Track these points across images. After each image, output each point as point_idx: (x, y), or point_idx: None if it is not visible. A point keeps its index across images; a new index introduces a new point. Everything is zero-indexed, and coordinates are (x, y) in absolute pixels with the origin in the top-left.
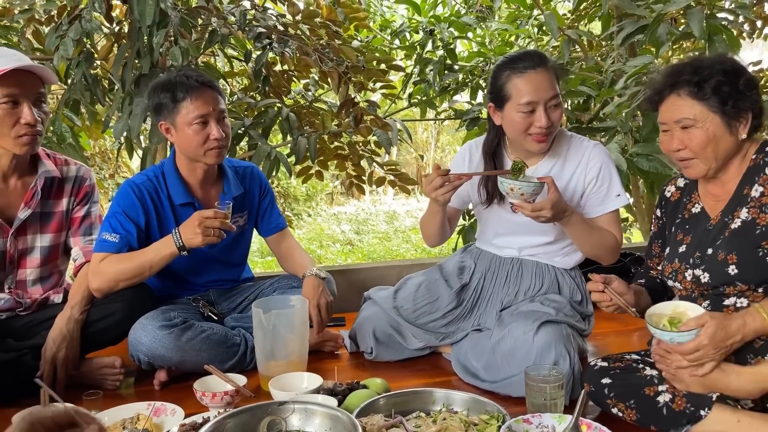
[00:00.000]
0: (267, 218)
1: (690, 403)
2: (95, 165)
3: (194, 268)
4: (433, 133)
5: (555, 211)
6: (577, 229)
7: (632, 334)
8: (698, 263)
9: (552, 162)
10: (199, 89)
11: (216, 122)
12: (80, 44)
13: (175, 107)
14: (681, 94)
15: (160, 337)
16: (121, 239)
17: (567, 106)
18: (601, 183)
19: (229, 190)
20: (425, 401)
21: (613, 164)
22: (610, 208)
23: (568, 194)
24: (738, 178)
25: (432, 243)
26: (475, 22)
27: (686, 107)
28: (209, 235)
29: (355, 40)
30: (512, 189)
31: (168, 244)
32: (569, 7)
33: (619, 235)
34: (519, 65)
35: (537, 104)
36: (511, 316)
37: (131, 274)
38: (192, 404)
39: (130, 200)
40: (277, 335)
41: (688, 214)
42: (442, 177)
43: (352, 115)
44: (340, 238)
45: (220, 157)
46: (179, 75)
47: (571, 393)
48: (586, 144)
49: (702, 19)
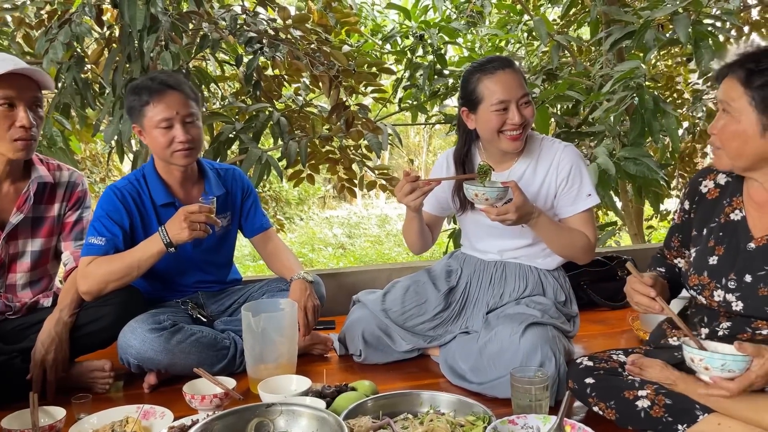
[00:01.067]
0: (251, 219)
1: (668, 414)
2: (86, 169)
3: (180, 269)
4: (425, 137)
5: (520, 214)
6: (546, 231)
7: (619, 336)
8: (732, 288)
9: (525, 164)
10: (163, 92)
11: (182, 125)
12: (71, 48)
13: (142, 110)
14: (737, 77)
15: (149, 340)
16: (107, 242)
17: (556, 111)
18: (572, 183)
19: (210, 190)
20: (413, 403)
21: (584, 165)
22: (582, 208)
23: (541, 196)
24: None
25: (415, 250)
26: (465, 27)
27: (734, 92)
28: (195, 230)
29: (346, 45)
30: (476, 195)
31: (155, 242)
32: (558, 13)
33: (592, 235)
34: (488, 67)
35: (509, 102)
36: (498, 318)
37: (120, 275)
38: (181, 407)
39: (113, 204)
40: (266, 338)
41: (725, 219)
42: (411, 183)
43: (343, 119)
44: (332, 241)
45: (188, 159)
46: (146, 78)
47: (557, 394)
48: (557, 145)
49: (688, 25)
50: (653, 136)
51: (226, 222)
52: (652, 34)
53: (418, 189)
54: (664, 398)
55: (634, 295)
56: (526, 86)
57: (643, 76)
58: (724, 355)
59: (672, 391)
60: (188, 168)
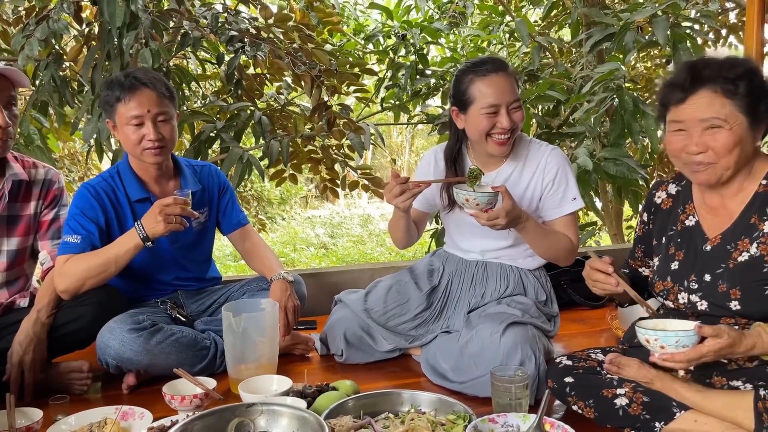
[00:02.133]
0: (228, 215)
1: (646, 411)
2: (64, 167)
3: (158, 265)
4: (408, 137)
5: (509, 219)
6: (532, 235)
7: (599, 335)
8: (694, 288)
9: (512, 167)
10: (135, 89)
11: (153, 123)
12: (49, 45)
13: (114, 106)
14: (717, 90)
15: (128, 340)
16: (83, 240)
17: (537, 112)
18: (558, 186)
19: (186, 185)
20: (394, 402)
21: (570, 168)
22: (566, 211)
23: (527, 198)
24: (741, 198)
25: (400, 246)
26: (447, 27)
27: (717, 105)
28: (171, 222)
29: (329, 44)
30: (467, 199)
31: (132, 237)
32: (540, 15)
33: (575, 238)
34: (481, 69)
35: (500, 106)
36: (479, 318)
37: (97, 271)
38: (161, 408)
39: (88, 201)
40: (247, 338)
41: (681, 226)
42: (401, 185)
43: (325, 119)
44: (314, 241)
45: (157, 158)
46: (121, 74)
47: (537, 393)
48: (545, 148)
49: (667, 28)
50: (633, 136)
51: (203, 218)
52: (631, 36)
53: (407, 191)
54: (642, 396)
55: (592, 273)
56: (517, 90)
57: (623, 78)
58: (676, 332)
59: (649, 389)
60: (162, 165)
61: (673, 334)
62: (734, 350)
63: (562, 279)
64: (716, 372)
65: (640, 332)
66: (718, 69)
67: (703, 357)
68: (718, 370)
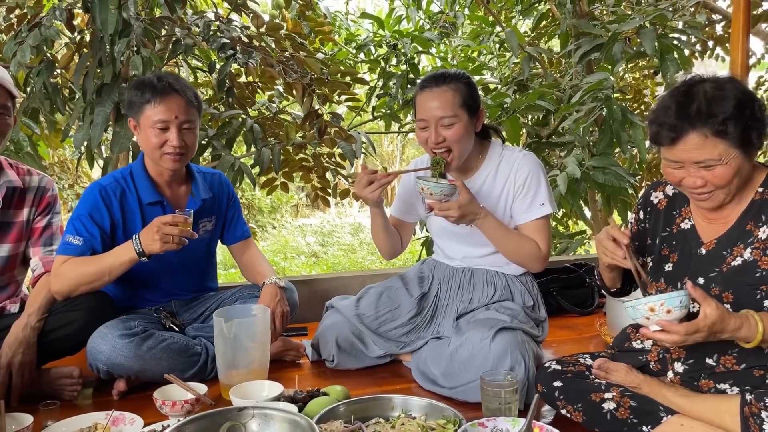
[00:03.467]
0: (233, 226)
1: (633, 416)
2: (54, 175)
3: (162, 272)
4: (399, 147)
5: (463, 212)
6: (492, 232)
7: (587, 342)
8: None
9: (486, 173)
10: (166, 94)
11: (177, 130)
12: (40, 53)
13: (142, 107)
14: (707, 134)
15: (120, 346)
16: (85, 242)
17: (527, 121)
18: (527, 190)
19: (197, 192)
20: (384, 407)
21: (542, 174)
22: (535, 215)
23: (501, 203)
24: (738, 205)
25: (386, 254)
26: (437, 37)
27: (708, 148)
28: (168, 242)
29: (320, 53)
30: (423, 189)
31: (128, 250)
32: (530, 25)
33: (544, 245)
34: (423, 83)
35: (428, 122)
36: (468, 324)
37: (91, 278)
38: (152, 413)
39: (96, 203)
40: (238, 344)
41: (676, 229)
42: (368, 176)
43: (316, 127)
44: (305, 250)
45: (176, 164)
46: (153, 76)
47: (526, 397)
48: (517, 154)
49: (654, 39)
50: (621, 146)
51: (210, 226)
52: (619, 47)
53: (376, 181)
54: (629, 400)
55: (605, 241)
56: (457, 106)
57: (611, 88)
58: (680, 293)
59: (637, 394)
60: (176, 171)
61: (677, 294)
62: (724, 326)
63: (551, 286)
64: (703, 375)
65: (643, 302)
66: (707, 108)
67: (698, 331)
68: (705, 373)
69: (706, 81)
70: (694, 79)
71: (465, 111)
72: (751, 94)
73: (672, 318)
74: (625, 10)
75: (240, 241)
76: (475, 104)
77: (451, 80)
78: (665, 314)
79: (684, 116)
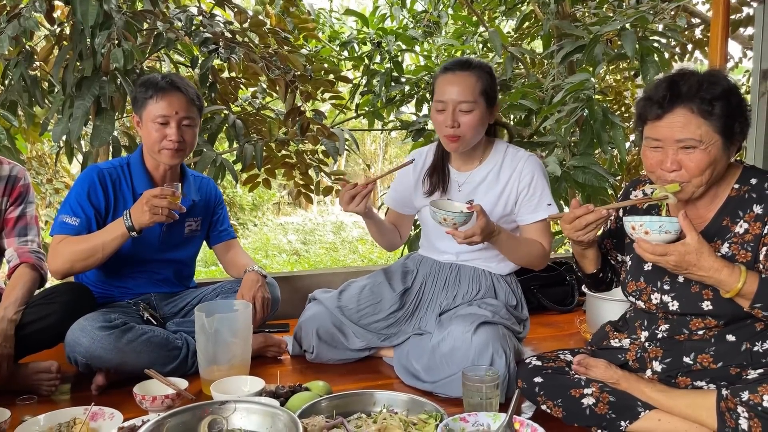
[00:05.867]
0: (218, 229)
1: (612, 411)
2: (32, 169)
3: (140, 263)
4: (381, 146)
5: (484, 235)
6: (506, 246)
7: (568, 339)
8: (667, 289)
9: (488, 168)
10: (168, 91)
11: (177, 125)
12: (19, 44)
13: (145, 103)
14: (693, 109)
15: (99, 338)
16: (81, 223)
17: (509, 121)
18: (533, 192)
19: (189, 192)
20: (366, 403)
21: (545, 175)
22: (541, 216)
23: (502, 200)
24: (713, 204)
25: (387, 248)
26: (421, 36)
27: (692, 126)
28: (157, 214)
29: (304, 49)
30: (445, 219)
31: (119, 225)
32: (513, 26)
33: (548, 244)
34: (447, 66)
35: (446, 104)
36: (450, 319)
37: (85, 255)
38: (131, 408)
39: (93, 185)
40: (219, 339)
41: None
42: (349, 191)
43: (299, 124)
44: (286, 248)
45: (174, 159)
46: (158, 75)
47: (507, 391)
48: (521, 154)
49: (635, 41)
50: (602, 146)
51: (195, 225)
52: (601, 49)
53: (358, 195)
54: (608, 396)
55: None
56: (477, 93)
57: (593, 89)
58: (660, 218)
59: (616, 389)
60: (172, 167)
61: (657, 219)
62: (700, 260)
63: (532, 284)
64: (681, 372)
65: (626, 220)
66: (697, 87)
67: (668, 254)
68: (683, 371)
69: (699, 70)
70: (688, 68)
71: (484, 100)
72: (736, 87)
73: (649, 239)
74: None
75: (224, 242)
76: (494, 95)
77: (476, 67)
78: (643, 234)
79: (675, 91)
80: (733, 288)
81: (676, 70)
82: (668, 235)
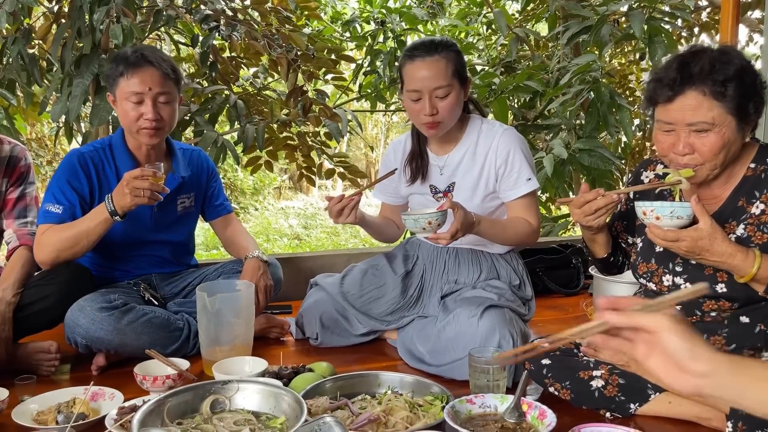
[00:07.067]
0: (213, 202)
1: (621, 393)
2: (32, 150)
3: (137, 245)
4: (383, 130)
5: (465, 228)
6: (490, 232)
7: (574, 321)
8: (680, 271)
9: (464, 148)
10: (139, 66)
11: (152, 102)
12: (17, 21)
13: (116, 80)
14: (705, 92)
15: (99, 319)
16: (65, 210)
17: (513, 104)
18: (511, 167)
19: (177, 168)
20: (371, 384)
21: (524, 148)
22: (523, 191)
23: (482, 180)
24: (728, 183)
25: (389, 242)
26: (426, 15)
27: (704, 109)
28: (138, 196)
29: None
30: (430, 222)
31: (101, 211)
32: (518, 8)
33: (535, 219)
34: (413, 52)
35: (421, 92)
36: (455, 302)
37: (70, 243)
38: (132, 389)
39: (74, 170)
40: (221, 319)
41: None
42: (337, 206)
43: (301, 104)
44: (287, 232)
45: (153, 138)
46: (130, 49)
47: (514, 375)
48: (497, 129)
49: (642, 21)
50: (608, 129)
51: (189, 202)
52: (608, 29)
53: (346, 208)
54: (617, 378)
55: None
56: (449, 75)
57: (599, 71)
58: (672, 203)
59: (625, 372)
60: (156, 145)
61: (669, 204)
62: (713, 245)
63: (537, 267)
64: None
65: (638, 205)
66: (709, 68)
67: (680, 240)
68: None
69: (712, 48)
70: (701, 46)
71: (457, 80)
72: (752, 66)
73: (661, 224)
74: None
75: (221, 216)
76: (465, 72)
77: (443, 49)
78: (654, 220)
79: (686, 73)
80: (748, 273)
81: (688, 48)
82: (680, 221)
